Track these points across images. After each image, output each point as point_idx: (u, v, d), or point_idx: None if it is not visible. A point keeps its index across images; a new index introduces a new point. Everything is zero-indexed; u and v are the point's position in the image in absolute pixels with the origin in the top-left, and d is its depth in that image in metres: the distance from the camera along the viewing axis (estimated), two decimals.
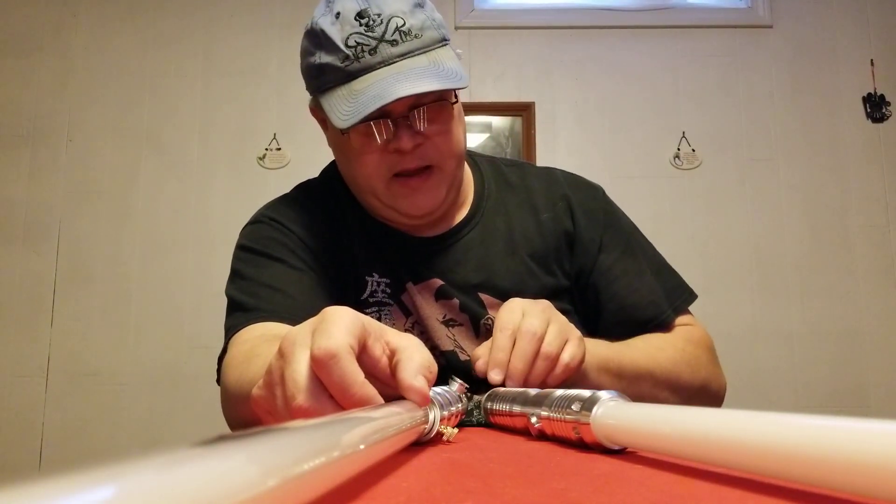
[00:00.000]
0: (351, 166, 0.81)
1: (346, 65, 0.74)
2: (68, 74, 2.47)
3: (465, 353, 0.83)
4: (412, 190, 0.79)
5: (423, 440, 0.44)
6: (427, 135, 0.77)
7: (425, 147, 0.78)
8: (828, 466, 0.22)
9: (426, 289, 0.84)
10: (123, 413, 2.26)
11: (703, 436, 0.29)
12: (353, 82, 0.74)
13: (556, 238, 0.87)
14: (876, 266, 2.40)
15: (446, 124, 0.79)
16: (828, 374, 2.33)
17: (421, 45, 0.76)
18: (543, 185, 0.91)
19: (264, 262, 0.81)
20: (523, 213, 0.89)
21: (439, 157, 0.79)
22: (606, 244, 0.88)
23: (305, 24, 0.81)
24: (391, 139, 0.76)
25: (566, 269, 0.88)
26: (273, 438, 0.19)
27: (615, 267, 0.87)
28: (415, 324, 0.84)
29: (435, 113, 0.77)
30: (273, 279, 0.79)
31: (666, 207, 2.43)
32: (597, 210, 0.90)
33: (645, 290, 0.86)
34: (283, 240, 0.83)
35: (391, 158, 0.77)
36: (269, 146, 2.42)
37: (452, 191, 0.84)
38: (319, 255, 0.83)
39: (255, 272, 0.81)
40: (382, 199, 0.81)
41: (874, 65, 2.51)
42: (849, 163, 2.47)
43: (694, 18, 2.57)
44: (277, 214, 0.86)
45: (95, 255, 2.35)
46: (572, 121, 2.50)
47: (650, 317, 0.85)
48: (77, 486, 0.10)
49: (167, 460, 0.13)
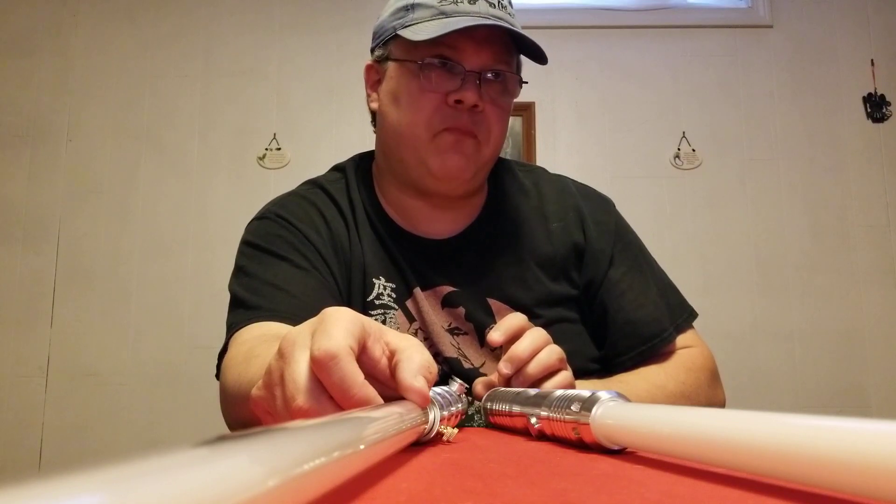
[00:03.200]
0: (402, 113, 0.81)
1: (441, 4, 0.77)
2: (68, 74, 2.46)
3: (469, 362, 0.83)
4: (451, 146, 0.79)
5: (423, 440, 0.44)
6: (487, 103, 0.79)
7: (480, 115, 0.79)
8: (828, 466, 0.22)
9: (433, 295, 0.84)
10: (123, 413, 2.26)
11: (703, 436, 0.29)
12: (443, 17, 0.77)
13: (565, 247, 0.87)
14: (876, 266, 2.40)
15: (505, 102, 0.81)
16: (828, 374, 2.33)
17: (511, 22, 0.79)
18: (555, 194, 0.92)
19: (269, 259, 0.81)
20: (534, 221, 0.89)
21: (486, 131, 0.81)
22: (616, 258, 0.88)
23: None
24: (456, 90, 0.78)
25: (573, 279, 0.88)
26: (273, 438, 0.19)
27: (623, 281, 0.88)
28: (418, 330, 0.84)
29: (502, 84, 0.80)
30: (276, 277, 0.78)
31: (666, 207, 2.43)
32: (608, 223, 0.90)
33: (651, 306, 0.87)
34: (289, 238, 0.82)
35: (447, 111, 0.79)
36: (269, 146, 2.42)
37: (479, 178, 0.85)
38: (325, 253, 0.82)
39: (259, 269, 0.80)
40: (421, 150, 0.80)
41: (874, 65, 2.51)
42: (849, 163, 2.47)
43: (694, 18, 2.57)
44: (284, 211, 0.85)
45: (95, 255, 2.35)
46: (573, 121, 2.50)
47: (654, 333, 0.85)
48: (77, 487, 0.10)
49: (167, 461, 0.13)
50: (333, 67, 2.46)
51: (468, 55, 0.77)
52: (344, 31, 2.47)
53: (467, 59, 0.78)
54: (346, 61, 2.44)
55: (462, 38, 0.77)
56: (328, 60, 2.47)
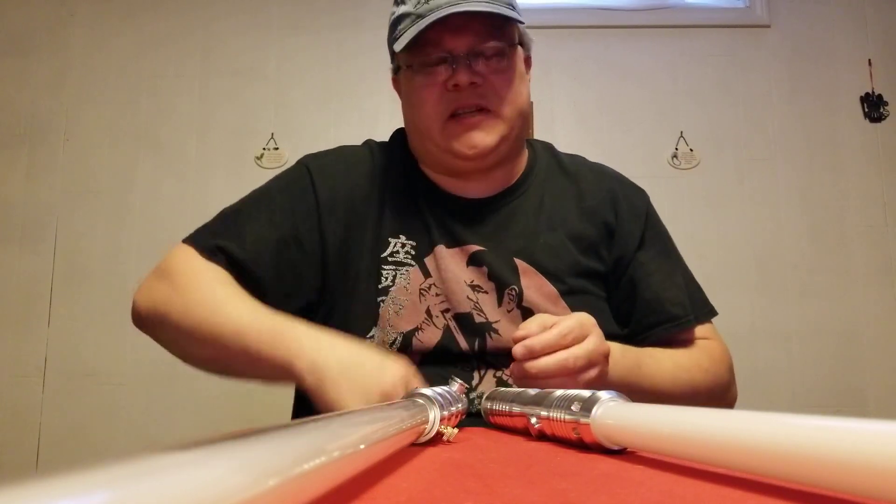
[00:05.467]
0: (413, 111, 0.87)
1: (417, 8, 0.81)
2: (65, 74, 2.46)
3: (483, 316, 0.84)
4: (466, 128, 0.83)
5: (423, 440, 0.44)
6: (485, 75, 0.82)
7: (482, 87, 0.83)
8: (827, 467, 0.22)
9: (461, 253, 0.87)
10: (121, 413, 2.26)
11: (703, 436, 0.29)
12: (420, 19, 0.81)
13: (596, 226, 0.90)
14: (874, 266, 2.41)
15: (505, 70, 0.84)
16: (826, 374, 2.33)
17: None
18: (593, 176, 0.96)
19: (267, 208, 0.90)
20: (568, 196, 0.93)
21: (496, 99, 0.84)
22: (646, 241, 0.92)
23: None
24: (450, 77, 0.82)
25: (603, 257, 0.90)
26: (273, 438, 0.19)
27: (652, 263, 0.91)
28: (432, 285, 0.86)
29: (497, 55, 0.83)
30: (255, 230, 0.88)
31: (664, 207, 2.40)
32: (640, 207, 0.94)
33: (676, 289, 0.90)
34: (300, 195, 0.89)
35: (449, 97, 0.83)
36: (267, 146, 2.41)
37: (507, 144, 0.87)
38: (325, 221, 0.87)
39: (254, 212, 0.91)
40: (438, 141, 0.85)
41: (872, 65, 2.52)
42: (847, 162, 2.47)
43: (692, 18, 2.57)
44: (315, 165, 0.93)
45: (93, 255, 2.35)
46: (571, 120, 2.50)
47: (678, 314, 0.88)
48: (76, 487, 0.10)
49: (166, 460, 0.13)
50: (332, 67, 2.46)
51: (451, 43, 0.82)
52: (343, 30, 2.46)
53: (452, 46, 0.82)
54: (344, 61, 2.43)
55: (438, 31, 0.81)
56: (327, 60, 2.47)
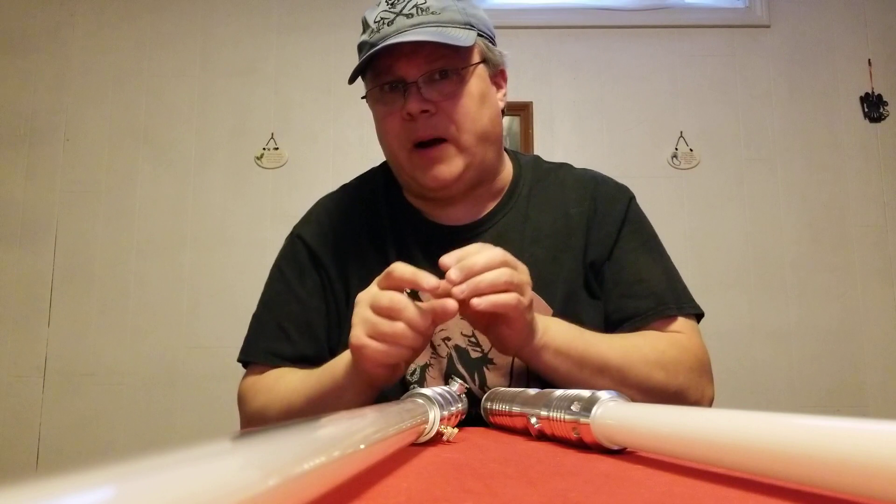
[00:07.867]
0: (381, 141, 0.87)
1: (371, 37, 0.81)
2: (66, 74, 2.46)
3: (478, 351, 0.83)
4: (429, 161, 0.82)
5: (423, 440, 0.44)
6: (436, 102, 0.80)
7: (436, 117, 0.81)
8: (826, 466, 0.22)
9: None
10: (121, 413, 2.26)
11: (703, 436, 0.29)
12: (371, 48, 0.80)
13: (581, 233, 0.89)
14: (873, 265, 2.41)
15: (459, 95, 0.82)
16: (825, 374, 2.33)
17: (435, 21, 0.80)
18: (575, 183, 0.94)
19: (284, 292, 0.90)
20: (553, 207, 0.91)
21: (453, 128, 0.82)
22: (623, 238, 0.89)
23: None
24: (403, 106, 0.80)
25: (589, 262, 0.89)
26: (273, 438, 0.19)
27: (626, 257, 0.89)
28: None
29: (450, 77, 0.81)
30: (283, 317, 0.88)
31: (664, 207, 2.43)
32: (618, 207, 0.91)
33: (653, 282, 0.87)
34: (309, 270, 0.90)
35: (409, 126, 0.81)
36: (267, 146, 2.41)
37: (473, 171, 0.85)
38: (332, 274, 0.88)
39: (275, 301, 0.91)
40: (406, 169, 0.85)
41: (871, 64, 2.52)
42: (846, 162, 2.47)
43: (691, 18, 2.57)
44: (307, 233, 0.92)
45: (93, 255, 2.35)
46: (570, 121, 2.50)
47: (649, 306, 0.84)
48: (75, 487, 0.10)
49: (167, 460, 0.13)
50: (331, 67, 2.46)
51: (402, 70, 0.81)
52: (342, 30, 2.46)
53: (404, 73, 0.81)
54: (344, 61, 2.43)
55: (391, 59, 0.80)
56: (326, 60, 2.47)
